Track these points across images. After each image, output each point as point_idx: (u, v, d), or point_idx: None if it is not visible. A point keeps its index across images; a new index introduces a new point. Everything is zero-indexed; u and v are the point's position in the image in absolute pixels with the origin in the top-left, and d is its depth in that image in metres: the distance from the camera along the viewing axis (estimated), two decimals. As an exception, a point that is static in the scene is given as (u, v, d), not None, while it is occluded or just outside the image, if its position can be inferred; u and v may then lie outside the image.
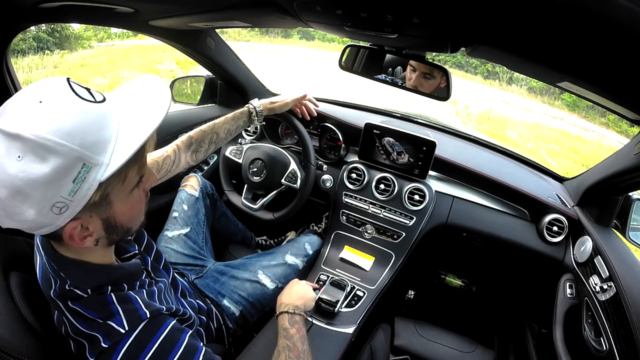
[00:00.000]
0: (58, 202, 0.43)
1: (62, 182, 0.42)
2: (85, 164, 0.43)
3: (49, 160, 0.41)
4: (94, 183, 0.45)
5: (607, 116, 11.62)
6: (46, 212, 0.43)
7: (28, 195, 0.41)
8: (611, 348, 0.77)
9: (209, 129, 0.95)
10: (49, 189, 0.42)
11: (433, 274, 1.57)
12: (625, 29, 0.39)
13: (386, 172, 1.23)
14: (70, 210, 0.45)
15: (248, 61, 1.49)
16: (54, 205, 0.43)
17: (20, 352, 0.50)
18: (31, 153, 0.40)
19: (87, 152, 0.43)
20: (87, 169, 0.43)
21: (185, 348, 0.55)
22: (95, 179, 0.44)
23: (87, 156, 0.43)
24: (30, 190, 0.41)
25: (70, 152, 0.41)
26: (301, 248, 1.17)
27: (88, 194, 0.45)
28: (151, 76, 0.56)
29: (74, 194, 0.44)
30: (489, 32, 0.56)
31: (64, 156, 0.41)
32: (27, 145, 0.40)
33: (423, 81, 0.92)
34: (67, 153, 0.41)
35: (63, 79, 0.46)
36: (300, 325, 0.79)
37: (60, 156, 0.41)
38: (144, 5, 0.85)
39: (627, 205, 1.03)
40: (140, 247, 0.74)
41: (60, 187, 0.42)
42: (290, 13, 0.75)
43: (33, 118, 0.41)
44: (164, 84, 0.54)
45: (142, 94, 0.53)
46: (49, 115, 0.41)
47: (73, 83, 0.46)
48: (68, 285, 0.53)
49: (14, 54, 8.12)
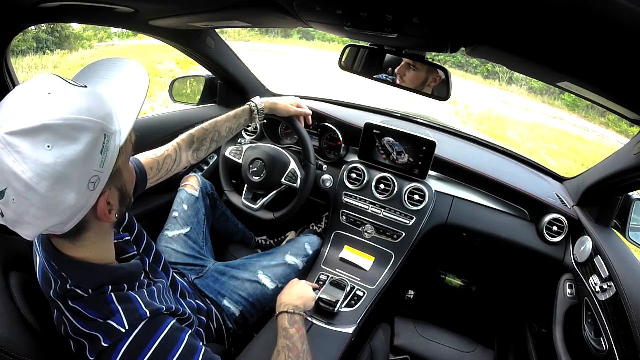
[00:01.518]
0: (93, 176, 0.46)
1: (94, 156, 0.45)
2: (106, 134, 0.46)
3: (80, 139, 0.43)
4: (116, 150, 0.48)
5: (607, 116, 11.62)
6: (84, 191, 0.45)
7: (69, 178, 0.43)
8: (611, 348, 0.77)
9: (211, 127, 0.95)
10: (85, 165, 0.44)
11: (433, 274, 1.57)
12: (625, 29, 0.39)
13: (386, 172, 1.23)
14: (100, 182, 0.47)
15: (248, 61, 1.49)
16: (90, 181, 0.45)
17: (20, 352, 0.50)
18: (61, 138, 0.42)
19: (106, 123, 0.46)
20: (108, 139, 0.47)
21: (185, 347, 0.55)
22: (116, 146, 0.48)
23: (106, 127, 0.46)
24: (71, 172, 0.43)
25: (95, 125, 0.45)
26: (301, 248, 1.17)
27: (113, 162, 0.48)
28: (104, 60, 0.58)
29: (103, 164, 0.46)
30: (490, 32, 0.56)
31: (92, 130, 0.44)
32: (56, 131, 0.41)
33: (407, 71, 0.92)
34: (93, 127, 0.44)
35: (48, 74, 0.48)
36: (300, 325, 0.79)
37: (89, 131, 0.44)
38: (144, 5, 0.85)
39: (627, 205, 1.03)
40: (139, 249, 0.74)
41: (94, 160, 0.45)
42: (290, 13, 0.75)
43: (52, 106, 0.42)
44: (122, 60, 0.57)
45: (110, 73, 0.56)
46: (66, 100, 0.44)
47: (61, 77, 0.48)
48: (69, 285, 0.53)
49: (14, 54, 8.12)
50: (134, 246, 0.71)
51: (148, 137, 1.20)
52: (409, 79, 0.92)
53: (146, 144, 0.60)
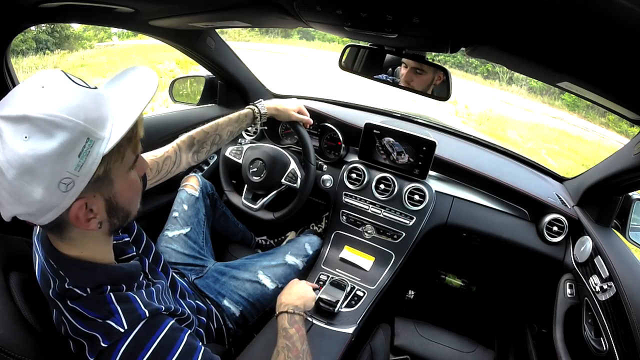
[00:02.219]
0: (65, 177, 0.44)
1: (68, 157, 0.44)
2: (89, 138, 0.45)
3: (56, 136, 0.43)
4: (98, 157, 0.46)
5: (607, 116, 11.62)
6: (54, 190, 0.44)
7: (36, 172, 0.43)
8: (611, 348, 0.77)
9: (211, 130, 0.94)
10: (56, 164, 0.43)
11: (433, 274, 1.57)
12: (625, 29, 0.39)
13: (386, 172, 1.23)
14: (76, 187, 0.46)
15: (248, 61, 1.49)
16: (61, 182, 0.44)
17: (20, 351, 0.50)
18: (38, 132, 0.42)
19: (91, 126, 0.45)
20: (91, 144, 0.45)
21: (184, 347, 0.55)
22: (98, 153, 0.46)
23: (90, 131, 0.45)
24: (40, 167, 0.42)
25: (76, 126, 0.44)
26: (301, 248, 1.17)
27: (92, 168, 0.46)
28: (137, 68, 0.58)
29: (79, 169, 0.45)
30: (489, 32, 0.56)
31: (71, 130, 0.43)
32: (35, 124, 0.42)
33: (414, 76, 0.92)
34: (73, 127, 0.44)
35: (58, 70, 0.48)
36: (300, 325, 0.79)
37: (67, 130, 0.43)
38: (144, 5, 0.85)
39: (627, 205, 1.03)
40: (138, 249, 0.74)
41: (67, 161, 0.44)
42: (290, 13, 0.75)
43: (38, 99, 0.43)
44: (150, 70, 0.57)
45: (129, 80, 0.56)
46: (54, 96, 0.44)
47: (68, 74, 0.48)
48: (67, 284, 0.53)
49: (14, 54, 8.12)
50: (133, 247, 0.71)
51: (148, 137, 1.18)
52: (417, 83, 0.92)
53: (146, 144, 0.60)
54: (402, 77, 0.94)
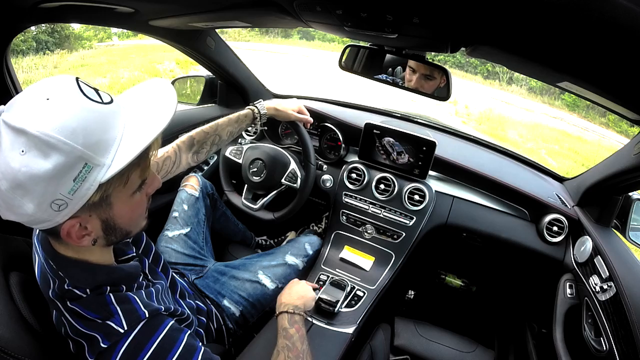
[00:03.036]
0: (57, 199, 0.43)
1: (62, 180, 0.42)
2: (87, 163, 0.43)
3: (51, 157, 0.41)
4: (94, 183, 0.45)
5: (607, 116, 11.62)
6: (45, 208, 0.43)
7: (29, 189, 0.42)
8: (611, 348, 0.77)
9: (211, 130, 0.94)
10: (49, 185, 0.42)
11: (433, 274, 1.57)
12: (625, 30, 0.39)
13: (386, 172, 1.23)
14: (69, 208, 0.45)
15: (248, 61, 1.49)
16: (54, 202, 0.43)
17: (20, 352, 0.50)
18: (35, 148, 0.41)
19: (89, 152, 0.43)
20: (89, 169, 0.44)
21: (184, 348, 0.55)
22: (95, 180, 0.45)
23: (89, 156, 0.43)
24: (31, 185, 0.42)
25: (72, 150, 0.42)
26: (301, 248, 1.17)
27: (88, 194, 0.45)
28: (159, 80, 0.56)
29: (73, 193, 0.44)
30: (489, 32, 0.56)
31: (66, 154, 0.42)
32: (31, 140, 0.40)
33: (424, 82, 0.91)
34: (70, 151, 0.42)
35: (72, 77, 0.46)
36: (300, 325, 0.79)
37: (62, 154, 0.41)
38: (144, 5, 0.85)
39: (627, 205, 1.03)
40: (138, 250, 0.74)
41: (61, 184, 0.43)
42: (290, 13, 0.75)
43: (39, 114, 0.41)
44: (171, 88, 0.54)
45: (149, 97, 0.53)
46: (55, 113, 0.42)
47: (81, 83, 0.46)
48: (67, 285, 0.52)
49: (14, 54, 8.12)
50: (132, 247, 0.71)
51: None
52: (427, 89, 0.92)
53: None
54: (411, 83, 0.92)
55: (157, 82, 0.56)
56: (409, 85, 0.94)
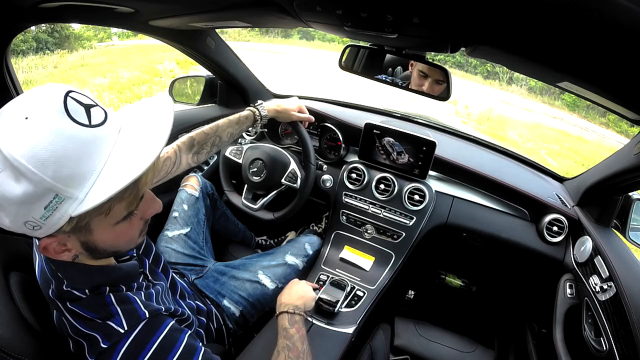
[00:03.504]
0: (29, 221, 0.43)
1: (33, 207, 0.41)
2: (58, 195, 0.41)
3: (21, 182, 0.39)
4: (65, 215, 0.43)
5: (607, 116, 11.63)
6: (20, 226, 0.43)
7: (3, 206, 0.41)
8: (611, 348, 0.77)
9: (212, 131, 0.94)
10: (20, 208, 0.41)
11: (433, 274, 1.57)
12: (625, 29, 0.39)
13: (386, 172, 1.23)
14: (43, 230, 0.44)
15: (248, 61, 1.49)
16: (27, 223, 0.43)
17: (20, 352, 0.50)
18: (8, 169, 0.39)
19: (60, 185, 0.41)
20: (60, 200, 0.42)
21: (185, 348, 0.55)
22: (67, 212, 0.43)
23: (59, 189, 0.41)
24: (5, 204, 0.41)
25: (40, 181, 0.40)
26: (301, 248, 1.17)
27: (60, 223, 0.44)
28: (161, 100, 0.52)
29: (45, 219, 0.43)
30: (489, 32, 0.56)
31: (35, 184, 0.40)
32: (5, 161, 0.39)
33: (435, 87, 0.91)
34: (38, 182, 0.40)
35: (62, 91, 0.43)
36: (300, 325, 0.79)
37: (31, 183, 0.40)
38: (144, 5, 0.85)
39: (627, 205, 1.03)
40: (138, 250, 0.74)
41: (32, 210, 0.41)
42: (290, 13, 0.75)
43: (13, 136, 0.39)
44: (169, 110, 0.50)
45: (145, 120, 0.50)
46: (28, 138, 0.39)
47: (71, 99, 0.43)
48: (65, 286, 0.52)
49: (14, 54, 8.12)
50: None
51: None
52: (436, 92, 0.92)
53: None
54: (424, 87, 0.92)
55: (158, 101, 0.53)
56: (417, 86, 0.93)
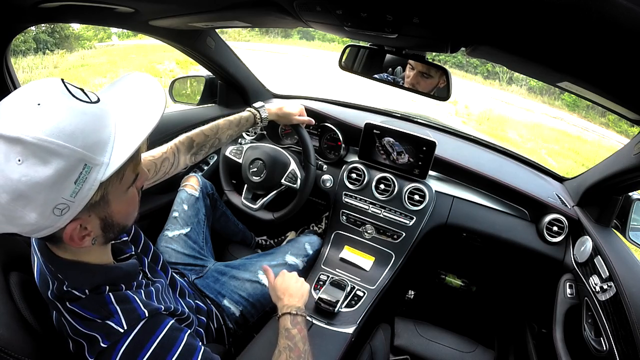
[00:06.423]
0: (60, 203, 0.43)
1: (64, 184, 0.42)
2: (87, 164, 0.43)
3: (51, 163, 0.41)
4: (95, 183, 0.45)
5: (607, 116, 11.63)
6: (48, 215, 0.43)
7: (30, 199, 0.41)
8: (611, 348, 0.77)
9: (211, 133, 0.93)
10: (51, 191, 0.42)
11: (433, 274, 1.57)
12: (625, 30, 0.39)
13: (386, 172, 1.23)
14: (71, 211, 0.45)
15: (248, 61, 1.49)
16: (56, 207, 0.43)
17: (20, 351, 0.50)
18: (32, 156, 0.40)
19: (89, 152, 0.43)
20: (89, 170, 0.44)
21: (184, 347, 0.55)
22: (96, 179, 0.45)
23: (88, 157, 0.43)
24: (34, 194, 0.41)
25: (72, 153, 0.42)
26: (301, 248, 1.17)
27: (89, 194, 0.45)
28: (141, 74, 0.56)
29: (75, 195, 0.44)
30: (489, 32, 0.56)
31: (67, 158, 0.41)
32: (28, 148, 0.40)
33: (420, 80, 0.92)
34: (70, 155, 0.41)
35: (57, 79, 0.45)
36: (302, 326, 0.79)
37: (62, 158, 0.41)
38: (144, 5, 0.85)
39: (627, 205, 1.03)
40: (137, 249, 0.74)
41: (63, 189, 0.42)
42: (290, 13, 0.75)
43: (33, 121, 0.40)
44: (156, 82, 0.54)
45: (134, 92, 0.53)
46: (49, 118, 0.41)
47: (67, 84, 0.45)
48: (65, 286, 0.52)
49: (14, 54, 8.12)
50: (131, 246, 0.71)
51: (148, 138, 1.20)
52: (422, 87, 0.92)
53: (145, 144, 0.60)
54: (408, 79, 0.93)
55: (139, 77, 0.55)
56: (407, 81, 0.94)
